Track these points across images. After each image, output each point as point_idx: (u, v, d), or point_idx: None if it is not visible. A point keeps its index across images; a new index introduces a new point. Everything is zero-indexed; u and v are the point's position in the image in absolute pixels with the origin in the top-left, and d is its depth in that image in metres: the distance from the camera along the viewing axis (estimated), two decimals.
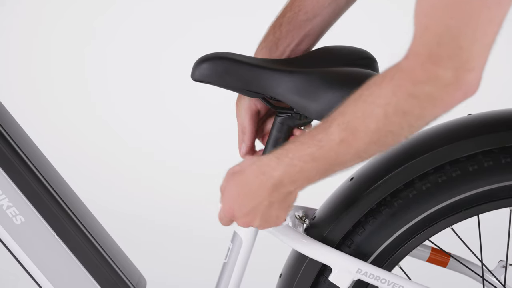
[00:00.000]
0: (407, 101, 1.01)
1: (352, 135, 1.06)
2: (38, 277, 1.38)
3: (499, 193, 1.29)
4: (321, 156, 1.10)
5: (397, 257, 1.33)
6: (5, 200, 1.35)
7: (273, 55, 1.31)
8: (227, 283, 1.38)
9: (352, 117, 1.06)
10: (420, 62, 0.98)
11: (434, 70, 0.97)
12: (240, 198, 1.20)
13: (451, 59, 0.96)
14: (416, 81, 0.99)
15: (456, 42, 0.95)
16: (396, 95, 1.01)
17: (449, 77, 0.97)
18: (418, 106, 1.01)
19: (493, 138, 1.28)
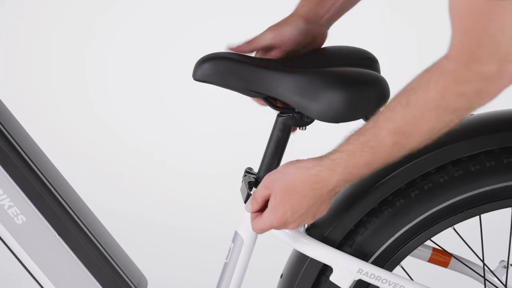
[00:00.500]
0: (456, 100, 1.06)
1: (405, 138, 1.11)
2: (39, 277, 1.38)
3: (501, 193, 1.29)
4: (374, 161, 1.15)
5: (398, 257, 1.33)
6: (6, 200, 1.35)
7: (320, 10, 1.33)
8: (228, 283, 1.38)
9: (403, 122, 1.10)
10: (464, 63, 1.03)
11: (478, 68, 1.02)
12: (295, 209, 1.23)
13: (492, 56, 1.01)
14: (463, 80, 1.04)
15: (495, 41, 1.00)
16: (444, 97, 1.06)
17: (493, 71, 1.02)
18: (467, 102, 1.06)
19: (495, 138, 1.28)
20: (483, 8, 0.98)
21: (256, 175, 1.34)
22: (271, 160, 1.32)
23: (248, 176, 1.35)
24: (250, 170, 1.37)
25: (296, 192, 1.22)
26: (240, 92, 1.28)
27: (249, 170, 1.37)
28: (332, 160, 1.18)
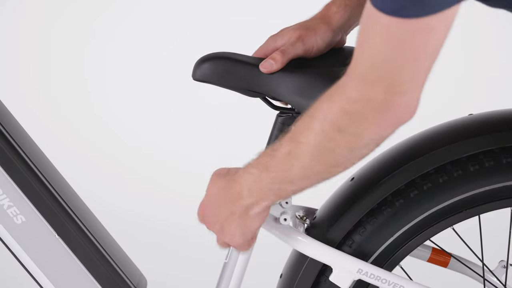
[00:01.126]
0: (341, 117, 1.04)
1: (297, 147, 1.09)
2: (39, 277, 1.38)
3: (500, 193, 1.29)
4: (272, 166, 1.13)
5: (397, 257, 1.33)
6: (5, 199, 1.35)
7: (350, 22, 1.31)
8: (228, 283, 1.38)
9: (298, 129, 1.10)
10: (355, 81, 1.01)
11: (365, 91, 1.00)
12: (212, 199, 1.24)
13: (382, 81, 0.98)
14: (350, 99, 1.02)
15: (388, 65, 0.97)
16: (331, 110, 1.04)
17: (379, 99, 0.99)
18: (351, 124, 1.03)
19: (494, 138, 1.28)
20: (386, 28, 0.95)
21: None
22: None
23: None
24: None
25: (212, 200, 1.24)
26: (240, 92, 1.28)
27: None
28: (249, 161, 1.19)
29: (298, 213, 1.35)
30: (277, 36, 1.30)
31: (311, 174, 1.11)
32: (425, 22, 0.94)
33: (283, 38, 1.28)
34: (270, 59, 1.25)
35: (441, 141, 1.30)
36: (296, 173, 1.11)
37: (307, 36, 1.28)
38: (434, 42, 0.97)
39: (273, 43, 1.29)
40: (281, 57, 1.25)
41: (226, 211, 1.22)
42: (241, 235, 1.23)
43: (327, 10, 1.32)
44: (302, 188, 1.14)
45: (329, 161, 1.09)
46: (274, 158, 1.13)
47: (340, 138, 1.05)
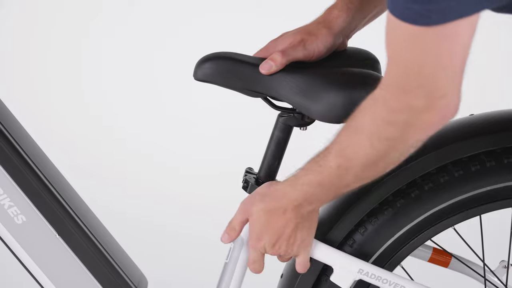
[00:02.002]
0: (387, 129, 1.06)
1: (347, 162, 1.13)
2: (39, 277, 1.38)
3: (501, 193, 1.30)
4: (323, 181, 1.18)
5: (398, 257, 1.33)
6: (6, 199, 1.35)
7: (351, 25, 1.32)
8: (229, 283, 1.38)
9: (345, 145, 1.13)
10: (393, 93, 1.03)
11: (406, 100, 1.02)
12: (268, 224, 1.25)
13: (421, 89, 1.00)
14: (391, 110, 1.04)
15: (422, 73, 0.99)
16: (376, 124, 1.07)
17: (422, 105, 1.01)
18: (398, 132, 1.06)
19: (495, 138, 1.28)
20: (412, 37, 0.96)
21: (257, 175, 1.34)
22: (272, 160, 1.32)
23: (249, 176, 1.35)
24: (251, 170, 1.37)
25: (270, 212, 1.25)
26: (241, 92, 1.28)
27: (250, 170, 1.37)
28: (293, 176, 1.22)
29: None
30: (278, 40, 1.30)
31: (366, 178, 1.16)
32: (449, 28, 0.95)
33: (284, 42, 1.28)
34: (269, 60, 1.25)
35: (442, 141, 1.30)
36: (350, 180, 1.16)
37: (309, 40, 1.28)
38: (462, 44, 0.98)
39: (273, 48, 1.29)
40: (281, 58, 1.25)
41: (290, 225, 1.24)
42: (310, 236, 1.27)
43: (329, 14, 1.31)
44: (359, 186, 1.19)
45: (380, 167, 1.13)
46: (322, 174, 1.17)
47: (388, 147, 1.09)
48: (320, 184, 1.18)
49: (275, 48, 1.28)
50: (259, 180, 1.33)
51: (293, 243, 1.26)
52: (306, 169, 1.20)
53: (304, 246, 1.27)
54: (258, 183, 1.32)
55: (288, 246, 1.26)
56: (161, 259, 2.64)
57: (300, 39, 1.28)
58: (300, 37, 1.28)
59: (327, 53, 1.30)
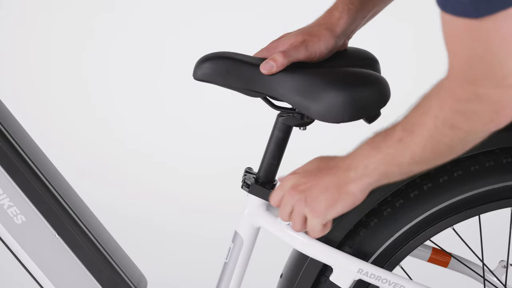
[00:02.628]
0: (453, 117, 1.04)
1: (409, 137, 1.10)
2: (39, 277, 1.39)
3: (500, 193, 1.30)
4: (383, 148, 1.14)
5: (398, 257, 1.34)
6: (6, 199, 1.35)
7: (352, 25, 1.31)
8: (228, 283, 1.38)
9: (411, 121, 1.10)
10: (459, 83, 1.02)
11: (474, 90, 1.00)
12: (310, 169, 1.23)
13: (487, 78, 0.99)
14: (459, 99, 1.03)
15: (486, 62, 0.98)
16: (442, 109, 1.05)
17: (494, 96, 1.00)
18: (466, 122, 1.04)
19: (494, 138, 1.27)
20: (468, 29, 0.97)
21: (256, 175, 1.34)
22: (271, 160, 1.32)
23: (248, 176, 1.35)
24: (250, 170, 1.37)
25: (310, 170, 1.23)
26: (241, 91, 1.28)
27: (249, 170, 1.37)
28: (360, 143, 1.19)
29: None
30: (279, 41, 1.30)
31: (421, 161, 1.13)
32: (500, 17, 0.94)
33: (285, 43, 1.28)
34: (271, 60, 1.25)
35: None
36: (406, 159, 1.13)
37: (311, 42, 1.28)
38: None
39: (274, 48, 1.29)
40: (282, 58, 1.25)
41: (325, 180, 1.20)
42: (326, 210, 1.21)
43: (330, 16, 1.31)
44: (409, 172, 1.16)
45: (440, 152, 1.10)
46: (386, 141, 1.14)
47: (453, 134, 1.06)
48: (377, 148, 1.15)
49: (276, 48, 1.28)
50: (259, 180, 1.33)
51: (309, 202, 1.22)
52: (376, 132, 1.18)
53: (319, 213, 1.22)
54: (257, 183, 1.32)
55: (308, 197, 1.22)
56: (160, 259, 2.64)
57: (302, 40, 1.28)
58: (302, 38, 1.28)
59: (328, 54, 1.30)
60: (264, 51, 1.30)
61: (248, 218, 1.34)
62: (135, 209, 2.95)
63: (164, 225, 2.86)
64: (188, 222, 2.89)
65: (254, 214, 1.34)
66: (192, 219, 2.91)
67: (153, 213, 2.93)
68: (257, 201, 1.33)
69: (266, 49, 1.30)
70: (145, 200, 3.00)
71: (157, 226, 2.85)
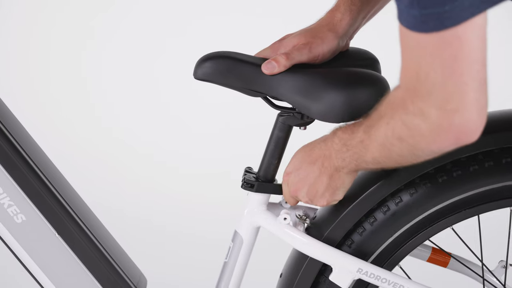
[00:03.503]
0: (401, 128, 1.05)
1: (368, 140, 1.13)
2: (39, 276, 1.39)
3: (499, 193, 1.30)
4: (350, 146, 1.17)
5: (397, 257, 1.34)
6: (6, 198, 1.35)
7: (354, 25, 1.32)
8: (228, 282, 1.38)
9: (371, 123, 1.12)
10: (408, 94, 1.02)
11: (419, 105, 1.00)
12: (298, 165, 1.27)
13: (431, 96, 0.98)
14: (407, 110, 1.02)
15: (430, 80, 0.97)
16: (393, 118, 1.06)
17: (435, 117, 0.99)
18: (410, 137, 1.04)
19: (493, 138, 1.28)
20: (417, 43, 0.96)
21: (256, 175, 1.34)
22: (271, 160, 1.32)
23: (248, 175, 1.35)
24: (250, 169, 1.37)
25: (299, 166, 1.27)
26: (241, 91, 1.28)
27: (249, 169, 1.37)
28: (330, 133, 1.23)
29: (298, 213, 1.35)
30: (282, 42, 1.29)
31: (382, 162, 1.14)
32: (448, 34, 0.94)
33: (288, 44, 1.28)
34: (273, 61, 1.25)
35: None
36: (368, 158, 1.15)
37: (314, 43, 1.28)
38: (468, 50, 0.95)
39: (277, 49, 1.29)
40: (285, 60, 1.25)
41: (315, 172, 1.24)
42: (331, 194, 1.26)
43: (332, 17, 1.31)
44: (376, 169, 1.19)
45: (394, 159, 1.11)
46: (351, 140, 1.17)
47: (401, 145, 1.07)
48: (345, 145, 1.18)
49: (279, 49, 1.28)
50: (259, 179, 1.33)
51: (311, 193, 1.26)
52: (344, 128, 1.20)
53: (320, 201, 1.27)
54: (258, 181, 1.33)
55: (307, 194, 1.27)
56: (160, 259, 2.64)
57: (305, 41, 1.28)
58: (305, 40, 1.28)
59: (331, 56, 1.30)
60: (267, 51, 1.30)
61: (248, 218, 1.35)
62: (135, 209, 2.95)
63: (164, 224, 2.86)
64: (188, 222, 2.88)
65: (254, 213, 1.34)
66: (192, 219, 2.90)
67: (153, 213, 2.93)
68: (257, 201, 1.34)
69: (268, 49, 1.30)
70: (145, 199, 3.00)
71: (157, 226, 2.85)
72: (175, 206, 2.96)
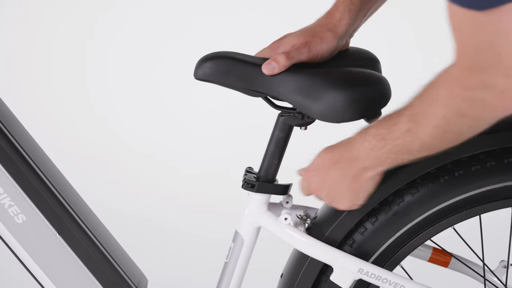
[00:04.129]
0: (461, 105, 1.05)
1: (416, 128, 1.12)
2: (39, 276, 1.39)
3: (501, 193, 1.29)
4: (390, 139, 1.16)
5: (398, 257, 1.34)
6: (6, 199, 1.35)
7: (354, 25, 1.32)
8: (228, 283, 1.38)
9: (417, 111, 1.11)
10: (466, 71, 1.02)
11: (481, 79, 1.01)
12: (321, 165, 1.26)
13: (494, 67, 0.99)
14: (467, 87, 1.03)
15: (493, 51, 0.98)
16: (451, 98, 1.06)
17: (501, 84, 1.00)
18: (473, 110, 1.05)
19: (495, 138, 1.28)
20: (474, 20, 0.97)
21: (257, 175, 1.34)
22: (272, 160, 1.32)
23: (249, 176, 1.35)
24: (251, 169, 1.37)
25: (321, 166, 1.26)
26: (241, 91, 1.28)
27: (250, 169, 1.37)
28: (364, 129, 1.21)
29: (299, 213, 1.35)
30: (282, 42, 1.30)
31: (431, 147, 1.14)
32: (506, 10, 0.95)
33: (287, 43, 1.28)
34: (273, 61, 1.25)
35: None
36: (415, 147, 1.14)
37: (313, 43, 1.28)
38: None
39: (276, 48, 1.29)
40: (285, 60, 1.25)
41: (336, 174, 1.24)
42: (352, 198, 1.25)
43: (331, 17, 1.31)
44: (420, 158, 1.18)
45: (449, 139, 1.11)
46: (392, 133, 1.15)
47: (461, 122, 1.07)
48: (384, 140, 1.17)
49: (278, 48, 1.29)
50: (259, 179, 1.33)
51: (332, 195, 1.26)
52: (378, 123, 1.19)
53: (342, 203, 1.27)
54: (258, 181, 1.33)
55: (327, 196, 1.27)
56: (161, 259, 2.64)
57: (305, 41, 1.28)
58: (304, 40, 1.28)
59: (330, 55, 1.31)
60: (266, 51, 1.30)
61: (248, 218, 1.35)
62: (136, 208, 2.95)
63: (164, 224, 2.87)
64: (188, 222, 2.89)
65: (255, 213, 1.34)
66: (192, 219, 2.91)
67: (153, 213, 2.93)
68: (257, 201, 1.34)
69: (268, 48, 1.30)
70: (146, 199, 3.01)
71: (157, 226, 2.86)
72: (176, 206, 2.97)
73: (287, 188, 1.35)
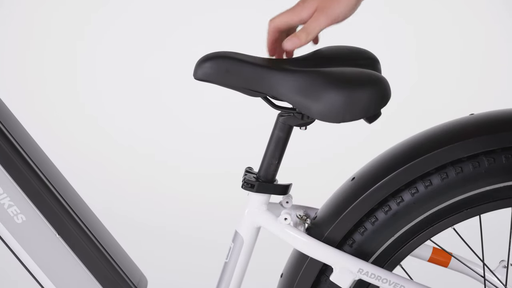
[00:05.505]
0: None
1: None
2: (39, 276, 1.38)
3: (500, 193, 1.29)
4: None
5: (398, 257, 1.33)
6: (6, 199, 1.35)
7: None
8: (228, 283, 1.38)
9: None
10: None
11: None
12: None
13: None
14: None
15: None
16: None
17: None
18: None
19: (494, 138, 1.28)
20: None
21: (257, 175, 1.34)
22: (272, 160, 1.32)
23: (249, 176, 1.35)
24: (250, 169, 1.37)
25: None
26: (241, 91, 1.28)
27: (249, 169, 1.37)
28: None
29: (299, 213, 1.35)
30: (304, 5, 1.29)
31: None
32: None
33: (310, 7, 1.28)
34: (295, 37, 1.26)
35: (442, 141, 1.30)
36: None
37: (330, 8, 1.27)
38: None
39: (299, 14, 1.28)
40: (306, 36, 1.26)
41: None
42: None
43: None
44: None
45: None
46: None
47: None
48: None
49: (300, 14, 1.28)
50: (259, 179, 1.33)
51: None
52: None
53: None
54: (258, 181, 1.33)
55: None
56: (161, 259, 2.64)
57: (322, 5, 1.27)
58: (317, 5, 1.27)
59: (353, 12, 1.28)
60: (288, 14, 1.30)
61: (248, 218, 1.34)
62: (136, 208, 2.95)
63: (164, 225, 2.87)
64: (188, 222, 2.89)
65: (255, 214, 1.34)
66: (192, 219, 2.91)
67: (153, 213, 2.93)
68: (257, 201, 1.34)
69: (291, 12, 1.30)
70: (146, 199, 3.01)
71: (157, 226, 2.86)
72: (175, 206, 2.97)
73: (287, 188, 1.35)
